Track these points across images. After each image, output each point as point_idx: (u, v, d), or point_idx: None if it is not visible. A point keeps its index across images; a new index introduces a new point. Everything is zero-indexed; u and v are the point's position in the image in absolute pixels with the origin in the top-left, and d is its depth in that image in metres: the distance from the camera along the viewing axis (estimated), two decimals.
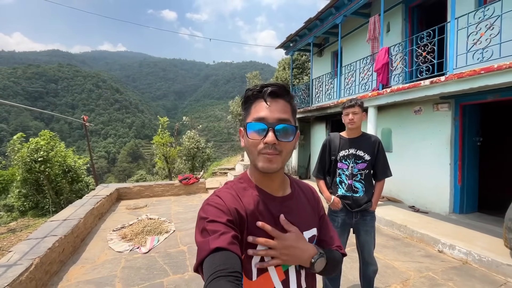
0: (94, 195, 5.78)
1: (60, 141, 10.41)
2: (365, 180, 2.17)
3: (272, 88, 0.70)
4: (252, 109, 0.72)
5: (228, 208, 0.69)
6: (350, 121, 2.09)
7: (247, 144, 0.73)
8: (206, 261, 0.59)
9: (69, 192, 10.55)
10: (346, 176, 2.20)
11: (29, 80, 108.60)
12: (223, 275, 0.55)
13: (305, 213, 0.83)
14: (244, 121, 0.74)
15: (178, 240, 4.15)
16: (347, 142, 2.18)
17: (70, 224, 3.81)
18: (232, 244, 0.61)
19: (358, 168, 2.15)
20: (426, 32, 4.10)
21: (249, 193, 0.76)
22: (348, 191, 2.18)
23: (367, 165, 2.14)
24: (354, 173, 2.17)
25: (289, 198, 0.81)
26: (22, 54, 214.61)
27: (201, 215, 0.69)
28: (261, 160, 0.70)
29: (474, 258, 3.22)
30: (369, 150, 2.14)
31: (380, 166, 2.18)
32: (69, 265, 3.35)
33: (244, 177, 0.81)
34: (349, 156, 2.17)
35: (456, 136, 4.56)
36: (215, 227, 0.64)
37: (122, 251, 3.76)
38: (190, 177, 7.71)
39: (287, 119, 0.70)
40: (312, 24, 7.02)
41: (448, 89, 3.69)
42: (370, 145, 2.15)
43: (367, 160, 2.13)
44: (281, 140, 0.69)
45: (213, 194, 0.76)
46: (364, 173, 2.16)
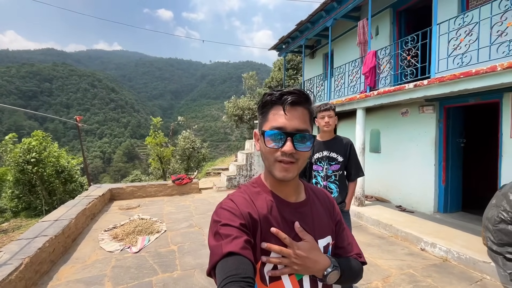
0: (87, 195, 5.81)
1: (52, 142, 10.37)
2: (339, 181, 2.27)
3: (292, 97, 0.68)
4: (270, 115, 0.71)
5: (241, 212, 0.68)
6: (326, 124, 2.19)
7: (264, 151, 0.72)
8: (219, 265, 0.59)
9: (63, 193, 10.52)
10: (321, 178, 2.30)
11: (23, 79, 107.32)
12: (235, 280, 0.55)
13: (320, 220, 0.81)
14: (261, 126, 0.73)
15: (169, 240, 4.22)
16: (321, 144, 2.29)
17: (61, 225, 3.85)
18: (245, 249, 0.61)
19: (332, 169, 2.26)
20: (411, 37, 4.23)
21: (263, 197, 0.75)
22: None
23: (340, 166, 2.25)
24: (328, 174, 2.27)
25: (303, 204, 0.80)
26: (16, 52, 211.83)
27: (215, 218, 0.69)
28: (278, 168, 0.70)
29: (453, 255, 3.35)
30: (341, 152, 2.24)
31: (353, 167, 2.30)
32: (60, 265, 3.41)
33: (258, 181, 0.80)
34: (323, 158, 2.27)
35: (440, 138, 4.70)
36: (228, 231, 0.64)
37: (113, 251, 3.82)
38: (183, 178, 7.77)
39: (305, 128, 0.69)
40: (304, 27, 7.13)
41: (430, 92, 3.81)
42: (343, 147, 2.26)
43: (340, 161, 2.24)
44: (299, 149, 0.68)
45: (226, 197, 0.76)
46: (338, 174, 2.26)
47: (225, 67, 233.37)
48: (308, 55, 8.94)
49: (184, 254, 3.71)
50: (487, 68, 3.03)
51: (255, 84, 21.42)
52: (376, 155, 6.04)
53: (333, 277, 0.73)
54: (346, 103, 5.59)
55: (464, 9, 4.33)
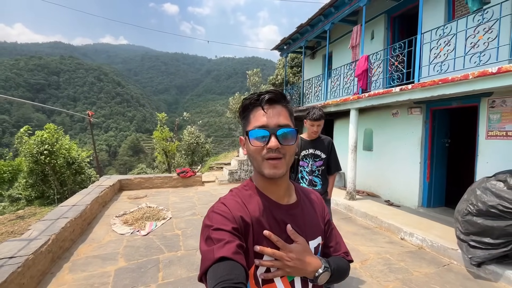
0: (98, 185, 6.30)
1: (64, 134, 10.91)
2: (322, 175, 2.62)
3: (269, 95, 0.71)
4: (251, 117, 0.73)
5: (233, 215, 0.68)
6: (315, 132, 2.53)
7: (250, 152, 0.73)
8: (210, 270, 0.58)
9: (73, 183, 11.10)
10: (306, 173, 2.62)
11: (31, 72, 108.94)
12: (227, 286, 0.54)
13: (311, 222, 0.82)
14: (245, 130, 0.75)
15: (174, 226, 4.67)
16: (307, 143, 2.61)
17: (78, 209, 4.33)
18: (237, 254, 0.61)
19: (316, 165, 2.59)
20: (398, 44, 4.56)
21: (255, 200, 0.75)
22: (309, 185, 2.61)
23: (323, 162, 2.58)
24: (313, 169, 2.60)
25: (294, 206, 0.80)
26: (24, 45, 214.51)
27: (206, 223, 0.68)
28: (266, 166, 0.71)
29: (427, 244, 3.74)
30: (324, 150, 2.58)
31: (333, 162, 2.65)
32: (79, 244, 3.88)
33: (249, 184, 0.81)
34: (309, 156, 2.59)
35: (426, 138, 5.04)
36: (220, 236, 0.63)
37: (124, 234, 4.29)
38: (188, 171, 8.23)
39: (286, 123, 0.71)
40: (304, 29, 7.46)
41: (414, 96, 4.16)
42: (325, 146, 2.59)
43: (323, 158, 2.58)
44: (284, 144, 0.70)
45: (218, 201, 0.75)
46: (321, 169, 2.60)
47: (231, 62, 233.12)
48: (309, 56, 9.28)
49: (187, 237, 4.16)
50: (461, 76, 3.38)
51: (259, 81, 21.73)
52: (369, 153, 6.40)
53: (324, 278, 0.75)
54: (341, 103, 5.94)
55: (450, 18, 4.64)
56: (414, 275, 3.07)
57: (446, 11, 4.69)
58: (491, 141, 3.95)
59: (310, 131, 2.53)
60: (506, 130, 3.77)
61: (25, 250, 2.78)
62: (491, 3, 3.40)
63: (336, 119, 7.70)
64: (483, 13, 3.33)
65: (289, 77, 16.55)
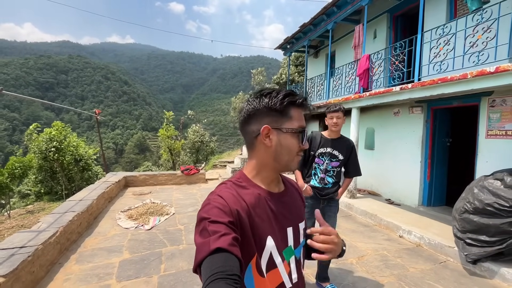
0: (105, 181, 6.48)
1: (72, 132, 11.16)
2: (336, 176, 2.53)
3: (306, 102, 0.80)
4: (294, 115, 0.77)
5: (230, 208, 0.68)
6: (334, 125, 2.38)
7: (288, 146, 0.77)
8: (205, 262, 0.58)
9: (80, 180, 11.37)
10: (320, 170, 2.52)
11: (41, 70, 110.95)
12: (222, 277, 0.54)
13: (297, 207, 0.89)
14: (281, 123, 0.76)
15: (177, 221, 4.80)
16: (327, 141, 2.48)
17: (85, 204, 4.49)
18: (233, 246, 0.61)
19: (332, 165, 2.48)
20: (399, 43, 4.59)
21: (250, 191, 0.77)
22: (320, 183, 2.52)
23: (339, 164, 2.48)
24: (328, 169, 2.49)
25: (284, 194, 0.86)
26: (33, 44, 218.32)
27: (203, 215, 0.68)
28: (296, 161, 0.80)
29: (425, 241, 3.78)
30: (343, 152, 2.46)
31: (352, 166, 2.57)
32: (85, 237, 4.03)
33: (242, 176, 0.82)
34: (326, 154, 2.46)
35: (427, 137, 5.06)
36: (216, 228, 0.63)
37: (128, 228, 4.43)
38: (192, 168, 8.37)
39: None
40: (307, 29, 7.51)
41: (414, 95, 4.19)
42: (345, 147, 2.48)
43: (340, 159, 2.46)
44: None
45: (213, 193, 0.76)
46: (336, 170, 2.51)
47: (236, 61, 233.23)
48: (312, 55, 9.31)
49: (189, 232, 4.27)
50: (460, 75, 3.40)
51: (263, 80, 21.81)
52: (371, 152, 6.43)
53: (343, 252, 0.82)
54: (343, 102, 5.98)
55: (452, 17, 4.65)
56: (410, 271, 3.13)
57: (448, 10, 4.69)
58: (491, 140, 3.96)
59: (330, 125, 2.43)
60: (505, 130, 3.78)
61: (35, 240, 2.93)
62: (490, 2, 3.41)
63: None
64: (482, 13, 3.34)
65: (294, 76, 16.57)
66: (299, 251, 0.85)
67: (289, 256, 0.80)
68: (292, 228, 0.83)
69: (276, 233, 0.77)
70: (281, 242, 0.78)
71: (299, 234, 0.85)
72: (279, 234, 0.78)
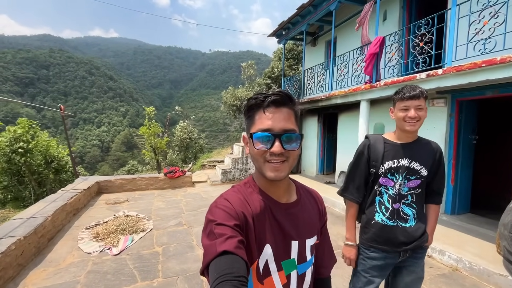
0: (70, 189, 5.46)
1: (41, 130, 9.95)
2: (417, 203, 1.51)
3: (275, 97, 0.70)
4: (256, 118, 0.72)
5: (236, 212, 0.69)
6: (410, 120, 1.40)
7: (253, 153, 0.73)
8: (212, 264, 0.58)
9: (54, 183, 10.21)
10: (389, 197, 1.51)
11: (20, 65, 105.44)
12: (228, 279, 0.54)
13: (309, 220, 0.84)
14: (249, 130, 0.74)
15: (154, 240, 3.90)
16: (398, 148, 1.50)
17: (34, 223, 3.51)
18: (239, 249, 0.61)
19: (409, 186, 1.49)
20: (425, 20, 3.78)
21: (256, 197, 0.77)
22: (393, 219, 1.50)
23: (421, 183, 1.49)
24: (402, 193, 1.49)
25: (294, 205, 0.81)
26: (12, 38, 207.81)
27: (209, 217, 0.69)
28: (268, 169, 0.71)
29: (464, 265, 3.03)
30: (427, 162, 1.47)
31: (438, 184, 1.56)
32: (30, 268, 3.09)
33: (250, 182, 0.82)
34: (400, 169, 1.48)
35: (451, 134, 4.32)
36: (222, 230, 0.64)
37: (91, 252, 3.50)
38: (176, 170, 7.42)
39: (292, 128, 0.71)
40: (305, 11, 6.61)
41: (445, 83, 3.41)
42: (430, 155, 1.49)
43: (423, 176, 1.47)
44: (287, 148, 0.70)
45: (220, 196, 0.76)
46: (415, 193, 1.50)
47: (225, 56, 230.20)
48: (310, 43, 8.44)
49: (169, 257, 3.38)
50: None
51: (254, 74, 20.86)
52: None
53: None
54: (350, 94, 5.18)
55: None
56: None
57: None
58: None
59: (404, 120, 1.43)
60: None
61: None
62: None
63: (340, 113, 6.93)
64: None
65: (285, 70, 15.72)
66: (304, 267, 0.81)
67: (289, 269, 0.77)
68: (298, 243, 0.78)
69: (277, 243, 0.75)
70: (281, 253, 0.76)
71: (306, 251, 0.81)
72: (281, 245, 0.76)
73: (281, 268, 0.76)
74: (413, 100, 1.38)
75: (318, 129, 7.99)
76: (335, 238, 3.98)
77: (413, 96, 1.38)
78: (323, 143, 8.04)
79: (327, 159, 8.15)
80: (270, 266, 0.74)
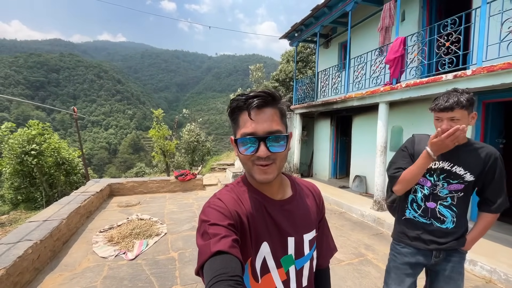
0: (83, 191, 5.43)
1: (53, 132, 10.03)
2: (458, 207, 1.46)
3: (257, 100, 0.67)
4: (240, 121, 0.70)
5: (229, 211, 0.69)
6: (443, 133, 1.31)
7: (240, 158, 0.73)
8: (207, 264, 0.58)
9: (64, 185, 10.26)
10: (423, 196, 1.51)
11: (31, 69, 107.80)
12: (223, 279, 0.54)
13: (306, 215, 0.83)
14: (234, 134, 0.74)
15: (169, 245, 3.81)
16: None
17: (49, 226, 3.46)
18: (233, 248, 0.61)
19: (449, 189, 1.46)
20: (451, 19, 3.63)
21: (249, 196, 0.76)
22: (426, 217, 1.50)
23: (465, 187, 1.44)
24: (440, 195, 1.47)
25: (289, 201, 0.80)
26: (24, 43, 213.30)
27: (203, 218, 0.69)
28: (257, 172, 0.70)
29: (499, 277, 2.85)
30: (474, 168, 1.41)
31: (494, 191, 1.44)
32: (46, 273, 3.03)
33: (243, 180, 0.81)
34: (438, 171, 1.47)
35: (477, 138, 4.14)
36: (216, 230, 0.63)
37: (106, 257, 3.42)
38: (187, 173, 7.36)
39: (277, 129, 0.68)
40: (320, 12, 6.51)
41: (474, 84, 3.26)
42: (478, 161, 1.41)
43: (467, 181, 1.42)
44: (273, 151, 0.68)
45: (214, 196, 0.76)
46: (457, 197, 1.45)
47: (231, 60, 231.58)
48: (322, 45, 8.33)
49: (185, 263, 3.29)
50: None
51: (262, 77, 20.82)
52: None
53: None
54: (367, 96, 5.05)
55: None
56: None
57: None
58: None
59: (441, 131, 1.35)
60: None
61: None
62: None
63: (355, 116, 6.79)
64: None
65: (293, 73, 15.63)
66: (301, 262, 0.80)
67: (288, 265, 0.77)
68: (294, 239, 0.78)
69: (273, 240, 0.75)
70: (278, 250, 0.75)
71: (303, 246, 0.80)
72: (278, 242, 0.76)
73: (280, 265, 0.76)
74: (445, 112, 1.34)
75: (331, 132, 7.85)
76: (356, 245, 3.83)
77: (444, 108, 1.33)
78: (336, 146, 7.89)
79: (340, 162, 7.98)
80: (268, 263, 0.74)
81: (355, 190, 6.58)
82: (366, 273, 3.09)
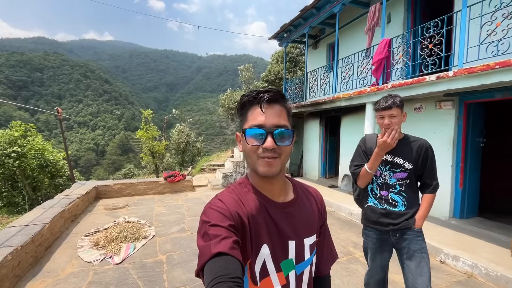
0: (68, 194, 5.28)
1: (37, 133, 9.70)
2: (406, 192, 1.76)
3: (268, 95, 0.70)
4: (249, 115, 0.73)
5: (230, 212, 0.69)
6: (386, 127, 1.68)
7: (246, 150, 0.74)
8: (207, 266, 0.58)
9: (48, 188, 9.95)
10: (377, 186, 1.82)
11: (13, 68, 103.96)
12: (224, 281, 0.54)
13: (308, 219, 0.82)
14: (242, 127, 0.74)
15: (157, 248, 3.75)
16: None
17: (31, 231, 3.34)
18: (234, 249, 0.61)
19: (396, 177, 1.76)
20: (434, 22, 3.74)
21: (251, 197, 0.76)
22: (382, 203, 1.81)
23: (408, 175, 1.74)
24: (389, 183, 1.78)
25: (290, 204, 0.80)
26: (5, 41, 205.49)
27: (203, 219, 0.69)
28: (261, 164, 0.71)
29: (480, 271, 2.95)
30: (410, 157, 1.72)
31: (428, 175, 1.76)
32: (27, 280, 2.92)
33: (245, 182, 0.81)
34: (383, 162, 1.78)
35: (459, 137, 4.27)
36: (217, 232, 0.64)
37: (91, 261, 3.34)
38: (176, 174, 7.27)
39: (284, 124, 0.71)
40: (308, 13, 6.57)
41: (456, 86, 3.36)
42: (413, 152, 1.72)
43: (408, 169, 1.73)
44: (280, 144, 0.70)
45: (215, 197, 0.76)
46: (405, 184, 1.75)
47: (222, 60, 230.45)
48: (311, 46, 8.41)
49: (174, 266, 3.24)
50: None
51: (251, 77, 20.81)
52: None
53: None
54: (355, 96, 5.12)
55: None
56: None
57: None
58: None
59: (382, 127, 1.73)
60: None
61: None
62: None
63: (343, 116, 6.88)
64: None
65: (282, 73, 15.70)
66: (302, 267, 0.79)
67: (288, 269, 0.77)
68: (295, 242, 0.77)
69: (273, 243, 0.74)
70: (279, 253, 0.75)
71: (304, 250, 0.79)
72: (278, 244, 0.75)
73: (280, 269, 0.75)
74: (386, 111, 1.68)
75: (320, 132, 7.93)
76: (344, 244, 3.88)
77: (385, 107, 1.68)
78: (325, 146, 7.98)
79: (329, 162, 8.08)
80: (268, 266, 0.73)
81: (344, 189, 6.67)
82: (353, 271, 3.14)
